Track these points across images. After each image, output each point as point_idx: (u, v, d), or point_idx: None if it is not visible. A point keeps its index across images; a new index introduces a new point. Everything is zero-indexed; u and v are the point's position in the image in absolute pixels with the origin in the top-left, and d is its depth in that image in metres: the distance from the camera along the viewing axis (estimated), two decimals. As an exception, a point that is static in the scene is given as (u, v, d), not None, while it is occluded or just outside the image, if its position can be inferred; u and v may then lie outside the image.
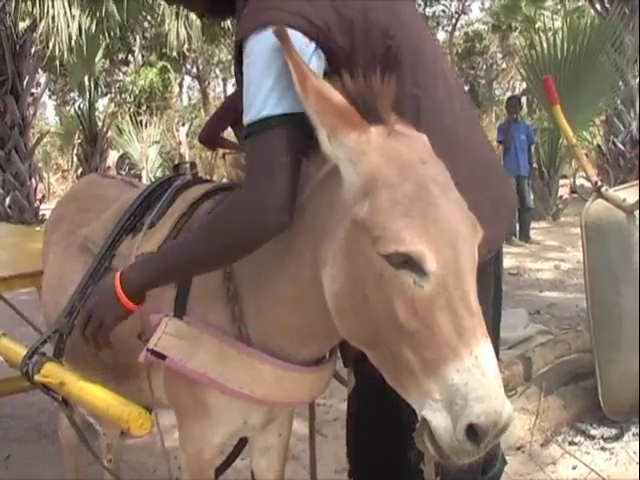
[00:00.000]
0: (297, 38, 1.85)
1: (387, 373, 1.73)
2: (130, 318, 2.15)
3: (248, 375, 2.06)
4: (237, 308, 2.08)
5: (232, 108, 6.75)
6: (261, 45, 1.89)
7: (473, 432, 1.54)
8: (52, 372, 2.28)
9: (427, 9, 36.38)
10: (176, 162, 20.56)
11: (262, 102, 1.87)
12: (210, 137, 7.04)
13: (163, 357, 2.08)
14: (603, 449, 4.19)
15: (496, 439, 1.60)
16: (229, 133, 6.72)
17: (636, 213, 3.94)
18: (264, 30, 1.87)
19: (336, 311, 1.77)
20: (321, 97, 1.72)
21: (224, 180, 2.32)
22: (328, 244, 1.77)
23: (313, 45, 1.90)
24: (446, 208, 1.66)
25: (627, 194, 4.02)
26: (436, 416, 1.58)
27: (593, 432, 4.37)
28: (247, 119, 1.90)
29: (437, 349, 1.58)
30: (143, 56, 24.75)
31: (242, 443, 2.64)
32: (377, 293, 1.65)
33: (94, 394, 2.16)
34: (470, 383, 1.54)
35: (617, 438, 4.28)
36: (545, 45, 9.11)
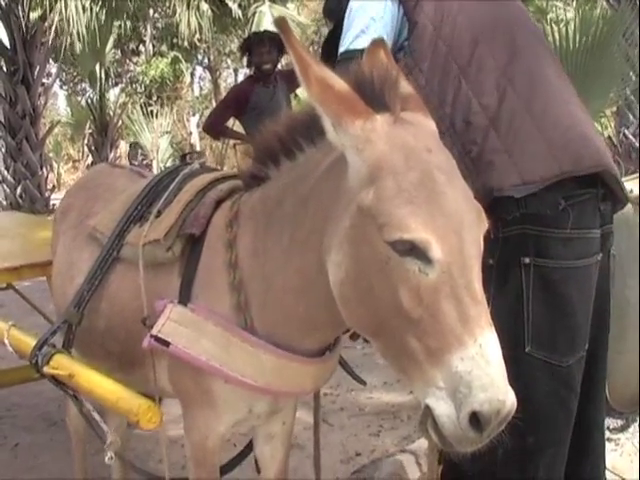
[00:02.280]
0: None
1: (392, 361, 1.74)
2: (135, 305, 2.22)
3: (251, 364, 2.07)
4: (242, 297, 2.09)
5: (237, 98, 6.82)
6: None
7: (476, 420, 1.55)
8: (61, 364, 2.31)
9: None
10: (187, 152, 20.56)
11: (353, 38, 2.38)
12: (214, 126, 7.09)
13: (167, 344, 2.10)
14: (608, 440, 4.17)
15: (499, 427, 1.61)
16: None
17: (643, 205, 3.93)
18: None
19: (341, 299, 1.78)
20: (325, 85, 1.71)
21: (234, 169, 2.35)
22: (333, 232, 1.78)
23: None
24: (451, 196, 1.66)
25: (634, 185, 4.01)
26: (439, 404, 1.59)
27: (599, 423, 4.38)
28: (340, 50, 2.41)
29: (441, 337, 1.59)
30: (154, 46, 24.70)
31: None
32: (382, 281, 1.66)
33: (104, 387, 2.18)
34: (474, 371, 1.55)
35: (623, 429, 4.30)
36: (557, 36, 9.06)
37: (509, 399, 1.58)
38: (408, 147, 1.72)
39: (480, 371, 1.56)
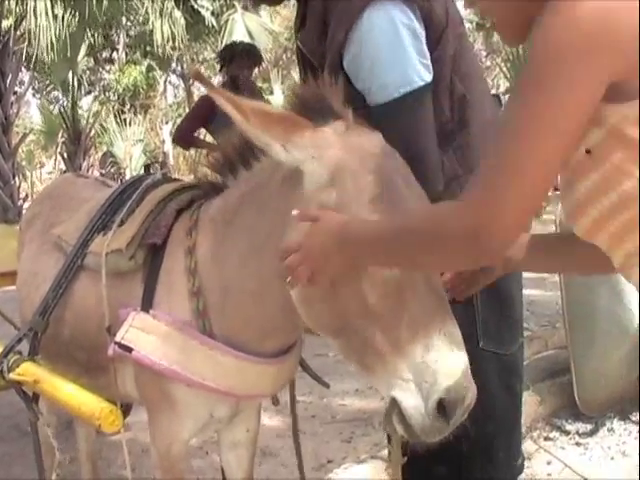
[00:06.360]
0: (403, 9, 2.06)
1: (355, 358, 1.78)
2: (99, 312, 2.26)
3: (211, 368, 2.11)
4: (201, 302, 2.13)
5: (204, 108, 6.80)
6: (385, 18, 2.05)
7: (442, 408, 1.59)
8: (27, 370, 2.33)
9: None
10: (160, 160, 20.54)
11: (411, 71, 2.05)
12: (184, 137, 7.09)
13: (130, 350, 2.14)
14: (578, 444, 4.24)
15: (463, 416, 1.66)
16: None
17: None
18: (381, 3, 2.05)
19: (302, 300, 1.82)
20: (262, 114, 1.77)
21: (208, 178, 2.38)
22: (292, 236, 1.81)
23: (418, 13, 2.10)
24: (409, 196, 1.73)
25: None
26: (406, 395, 1.63)
27: (568, 427, 4.45)
28: (398, 90, 2.06)
29: (406, 329, 1.63)
30: (127, 54, 24.62)
31: None
32: (347, 278, 1.69)
33: (67, 392, 2.21)
34: (440, 360, 1.60)
35: (592, 433, 4.34)
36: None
37: (472, 386, 1.64)
38: (364, 151, 1.79)
39: (445, 359, 1.61)
